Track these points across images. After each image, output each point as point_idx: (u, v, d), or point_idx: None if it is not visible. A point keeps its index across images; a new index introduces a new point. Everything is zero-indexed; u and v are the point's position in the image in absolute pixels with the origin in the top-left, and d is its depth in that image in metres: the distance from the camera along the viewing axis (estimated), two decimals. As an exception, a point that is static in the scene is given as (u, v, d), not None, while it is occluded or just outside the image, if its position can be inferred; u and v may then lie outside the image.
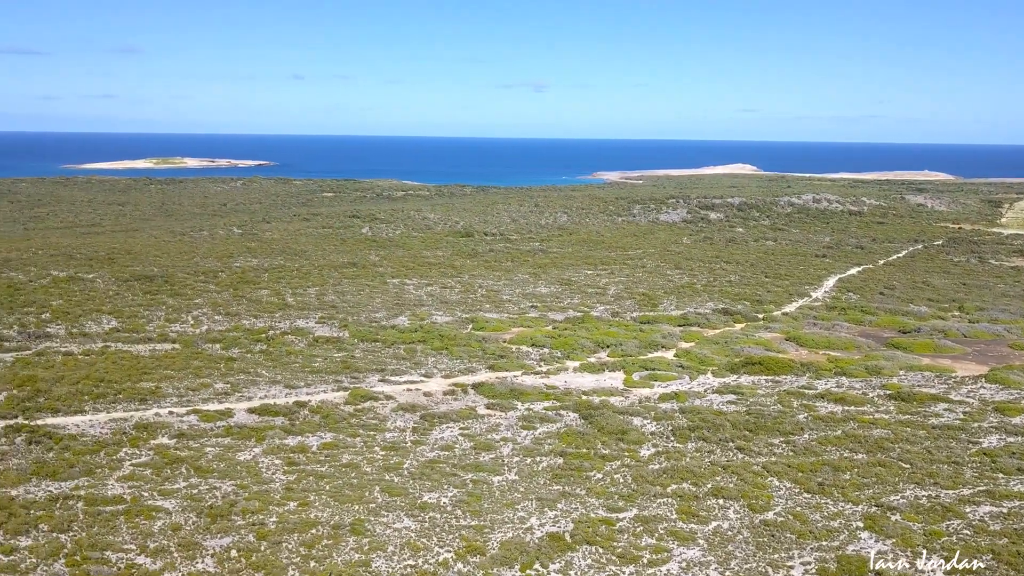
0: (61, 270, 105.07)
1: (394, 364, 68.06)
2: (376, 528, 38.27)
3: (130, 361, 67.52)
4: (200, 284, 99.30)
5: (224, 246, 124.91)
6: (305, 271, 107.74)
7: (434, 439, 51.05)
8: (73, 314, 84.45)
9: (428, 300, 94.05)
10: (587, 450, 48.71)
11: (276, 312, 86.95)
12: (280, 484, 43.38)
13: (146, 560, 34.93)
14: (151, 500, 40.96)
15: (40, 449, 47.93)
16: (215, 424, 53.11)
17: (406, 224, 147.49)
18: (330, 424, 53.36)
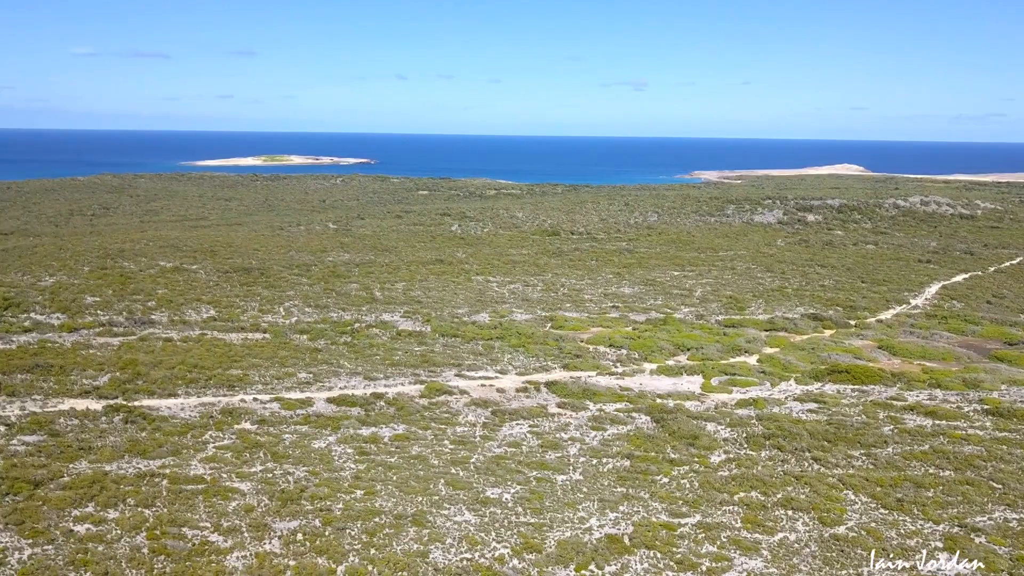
0: (168, 261, 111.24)
1: (471, 360, 68.92)
2: (437, 520, 38.95)
3: (223, 349, 70.91)
4: (294, 277, 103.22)
5: (319, 241, 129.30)
6: (394, 267, 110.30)
7: (503, 435, 51.45)
8: (176, 302, 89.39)
9: (510, 298, 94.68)
10: (655, 454, 48.04)
11: (363, 306, 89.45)
12: (350, 473, 44.71)
13: (219, 538, 36.72)
14: (229, 482, 42.99)
15: (134, 428, 51.06)
16: (295, 412, 55.18)
17: (494, 222, 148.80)
18: (404, 416, 54.57)
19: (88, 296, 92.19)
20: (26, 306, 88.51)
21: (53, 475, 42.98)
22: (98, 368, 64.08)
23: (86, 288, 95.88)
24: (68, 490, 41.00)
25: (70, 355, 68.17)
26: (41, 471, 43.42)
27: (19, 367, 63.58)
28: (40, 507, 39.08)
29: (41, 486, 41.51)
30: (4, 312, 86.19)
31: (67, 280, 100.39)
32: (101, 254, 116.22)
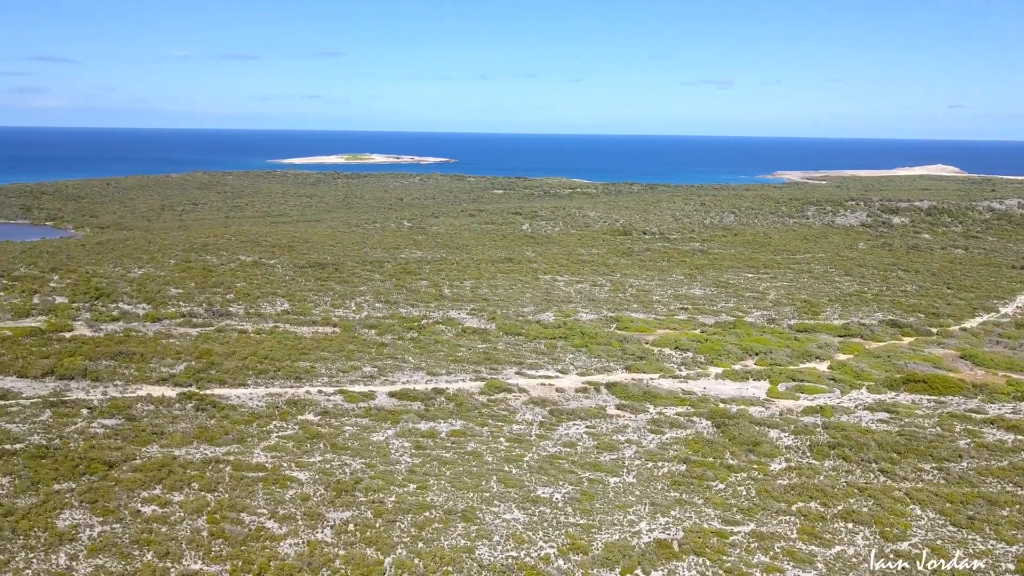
0: (248, 255, 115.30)
1: (533, 358, 68.97)
2: (486, 517, 39.16)
3: (293, 341, 73.03)
4: (366, 273, 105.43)
5: (393, 238, 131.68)
6: (464, 264, 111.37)
7: (559, 435, 51.33)
8: (253, 296, 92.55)
9: (576, 297, 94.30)
10: (713, 459, 47.07)
11: (432, 302, 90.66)
12: (405, 466, 45.40)
13: (274, 525, 37.87)
14: (288, 471, 44.27)
15: (204, 416, 53.13)
16: (357, 405, 56.37)
17: (565, 221, 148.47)
18: (462, 412, 55.07)
19: (172, 288, 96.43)
20: (116, 296, 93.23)
21: (126, 457, 45.16)
22: (176, 357, 66.95)
23: (171, 280, 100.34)
24: (139, 472, 43.00)
25: (151, 344, 71.44)
26: (116, 453, 45.69)
27: (104, 354, 67.02)
28: (112, 487, 41.12)
29: (115, 467, 43.66)
30: (96, 302, 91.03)
31: (154, 272, 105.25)
32: (186, 248, 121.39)
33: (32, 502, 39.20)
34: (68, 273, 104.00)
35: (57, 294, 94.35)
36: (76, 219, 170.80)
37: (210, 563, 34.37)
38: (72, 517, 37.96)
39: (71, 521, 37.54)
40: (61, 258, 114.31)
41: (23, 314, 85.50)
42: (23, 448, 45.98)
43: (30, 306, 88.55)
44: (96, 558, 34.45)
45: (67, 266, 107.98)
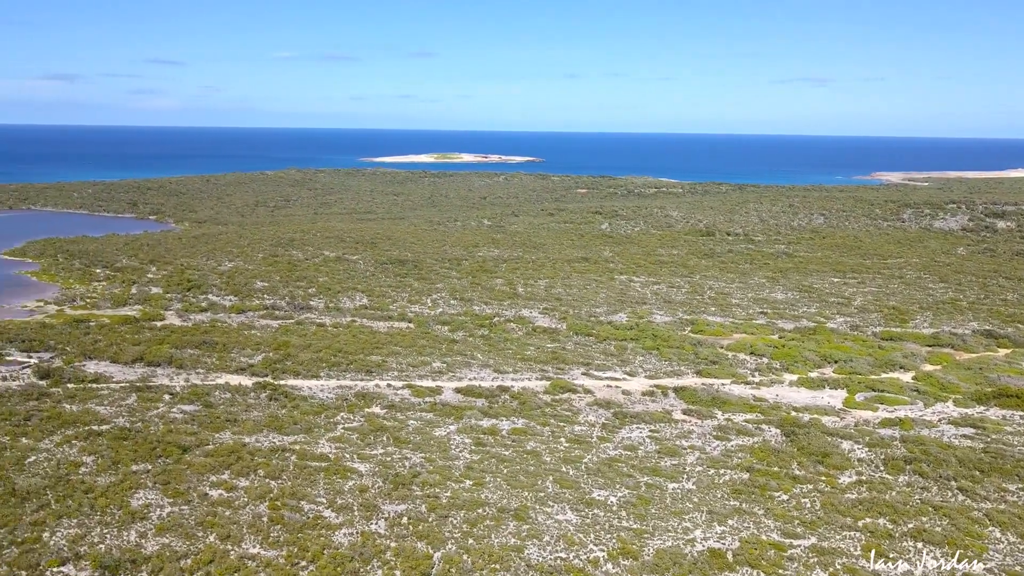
0: (332, 251, 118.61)
1: (601, 359, 68.39)
2: (538, 517, 39.09)
3: (368, 336, 74.70)
4: (444, 270, 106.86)
5: (472, 237, 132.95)
6: (540, 263, 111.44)
7: (621, 438, 50.74)
8: (333, 290, 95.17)
9: (652, 299, 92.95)
10: (779, 469, 45.58)
11: (505, 300, 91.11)
12: (463, 462, 45.78)
13: (331, 514, 38.85)
14: (350, 462, 45.33)
15: (276, 405, 54.97)
16: (423, 399, 57.20)
17: (646, 221, 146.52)
18: (525, 411, 55.12)
19: (258, 281, 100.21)
20: (206, 288, 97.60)
21: (200, 442, 47.20)
22: (255, 348, 69.50)
23: (258, 273, 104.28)
24: (210, 457, 44.86)
25: (234, 334, 74.42)
26: (191, 438, 47.82)
27: (190, 343, 70.22)
28: (184, 470, 43.05)
29: (188, 451, 45.70)
30: (187, 292, 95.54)
31: (243, 265, 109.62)
32: (274, 243, 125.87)
33: (111, 481, 41.46)
34: (164, 265, 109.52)
35: (153, 284, 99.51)
36: (177, 213, 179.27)
37: (268, 548, 35.54)
38: (145, 497, 39.95)
39: (144, 501, 39.51)
40: (159, 250, 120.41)
41: (121, 303, 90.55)
42: (108, 429, 48.68)
43: (128, 295, 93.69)
44: (163, 537, 36.14)
45: (164, 258, 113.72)
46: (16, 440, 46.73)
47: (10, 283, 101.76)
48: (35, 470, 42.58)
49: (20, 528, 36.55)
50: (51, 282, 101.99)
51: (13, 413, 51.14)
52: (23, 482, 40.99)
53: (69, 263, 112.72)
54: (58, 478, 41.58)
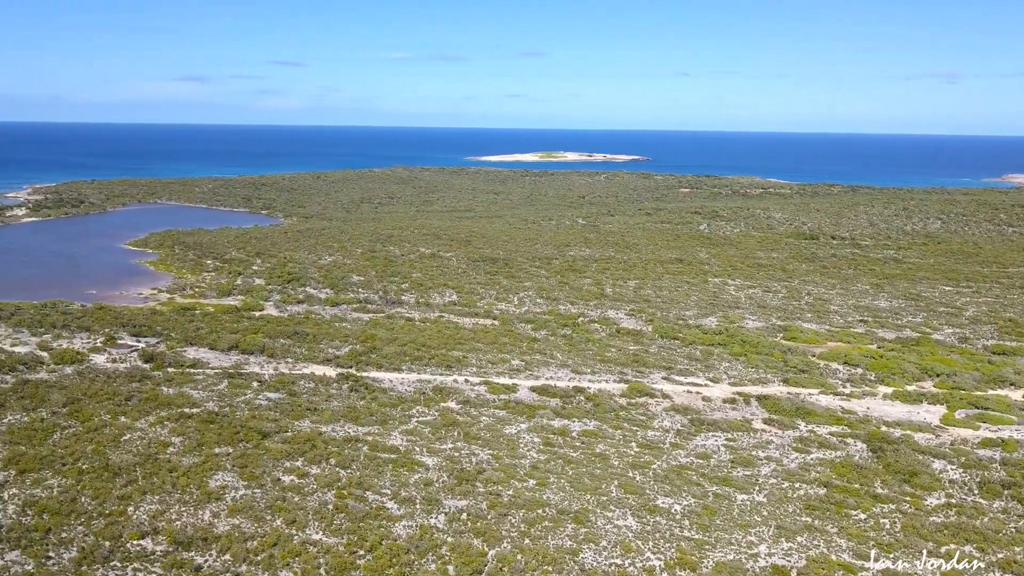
0: (427, 248, 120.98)
1: (684, 364, 66.84)
2: (598, 521, 38.62)
3: (452, 331, 75.74)
4: (534, 269, 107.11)
5: (565, 236, 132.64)
6: (631, 264, 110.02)
7: (694, 445, 49.44)
8: (425, 286, 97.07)
9: (745, 303, 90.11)
10: (860, 486, 43.30)
11: (592, 301, 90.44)
12: (529, 462, 45.76)
13: (394, 506, 39.65)
14: (419, 455, 46.11)
15: (356, 397, 56.55)
16: (498, 397, 57.53)
17: (747, 223, 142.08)
18: (598, 413, 54.55)
19: (355, 275, 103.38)
20: (304, 281, 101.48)
21: (280, 429, 49.13)
22: (343, 340, 71.71)
23: (355, 268, 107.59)
24: (287, 444, 46.64)
25: (325, 326, 77.04)
26: (271, 424, 49.84)
27: (283, 333, 73.16)
28: (262, 455, 44.93)
29: (267, 437, 47.65)
30: (287, 285, 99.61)
31: (341, 260, 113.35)
32: (373, 238, 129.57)
33: (194, 461, 43.75)
34: (269, 258, 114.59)
35: (257, 276, 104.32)
36: (286, 209, 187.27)
37: (330, 535, 36.64)
38: (223, 479, 41.94)
39: (221, 482, 41.49)
40: (266, 244, 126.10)
41: (226, 293, 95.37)
42: (198, 413, 51.39)
43: (233, 286, 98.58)
44: (235, 518, 37.86)
45: (269, 251, 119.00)
46: (115, 419, 49.98)
47: (130, 271, 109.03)
48: (128, 448, 45.43)
49: (109, 501, 39.12)
50: (166, 271, 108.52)
51: (116, 393, 54.74)
52: (116, 458, 43.83)
53: (184, 254, 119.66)
54: (147, 456, 44.21)
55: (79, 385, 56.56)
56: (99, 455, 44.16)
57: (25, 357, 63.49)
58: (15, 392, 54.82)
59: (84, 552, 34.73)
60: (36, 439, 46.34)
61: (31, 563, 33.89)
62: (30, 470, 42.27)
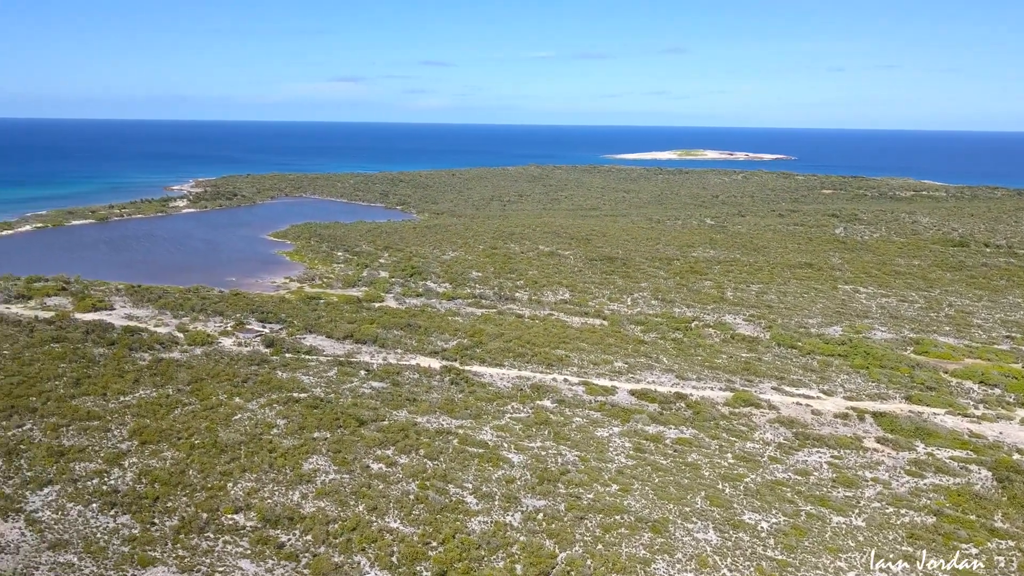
0: (547, 245, 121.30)
1: (797, 375, 63.56)
2: (677, 532, 37.44)
3: (559, 330, 75.58)
4: (652, 269, 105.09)
5: (689, 236, 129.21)
6: (756, 267, 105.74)
7: (795, 460, 46.94)
8: (539, 283, 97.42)
9: (876, 312, 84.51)
10: (976, 518, 39.67)
11: (710, 304, 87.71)
12: (616, 466, 44.97)
13: (472, 500, 40.08)
14: (505, 451, 46.37)
15: (455, 390, 57.56)
16: (595, 398, 56.89)
17: (888, 227, 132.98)
18: (697, 421, 52.84)
19: (474, 271, 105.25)
20: (426, 275, 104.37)
21: (377, 417, 50.78)
22: (453, 333, 73.16)
23: (475, 264, 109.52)
24: (381, 432, 48.15)
25: (438, 320, 78.86)
26: (370, 412, 51.59)
27: (397, 324, 75.56)
28: (356, 442, 46.60)
29: (364, 425, 49.37)
30: (409, 278, 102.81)
31: (463, 256, 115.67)
32: (495, 235, 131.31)
33: (293, 444, 46.00)
34: (396, 252, 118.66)
35: (382, 269, 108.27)
36: (420, 205, 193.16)
37: (407, 524, 37.52)
38: (316, 462, 43.85)
39: (314, 466, 43.40)
40: (395, 238, 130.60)
41: (351, 284, 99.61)
42: (305, 398, 53.97)
43: (358, 278, 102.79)
44: (321, 500, 39.50)
45: (397, 246, 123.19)
46: (231, 399, 53.34)
47: (268, 261, 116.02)
48: (237, 427, 48.37)
49: (212, 476, 41.82)
50: (300, 261, 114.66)
51: (235, 375, 58.41)
52: (225, 436, 46.77)
53: (318, 246, 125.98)
54: (253, 436, 46.90)
55: (205, 365, 60.78)
56: (211, 432, 47.29)
57: (163, 337, 68.93)
58: (150, 369, 59.62)
59: (184, 522, 37.33)
60: (160, 413, 50.21)
61: (138, 527, 36.79)
62: (150, 441, 45.87)
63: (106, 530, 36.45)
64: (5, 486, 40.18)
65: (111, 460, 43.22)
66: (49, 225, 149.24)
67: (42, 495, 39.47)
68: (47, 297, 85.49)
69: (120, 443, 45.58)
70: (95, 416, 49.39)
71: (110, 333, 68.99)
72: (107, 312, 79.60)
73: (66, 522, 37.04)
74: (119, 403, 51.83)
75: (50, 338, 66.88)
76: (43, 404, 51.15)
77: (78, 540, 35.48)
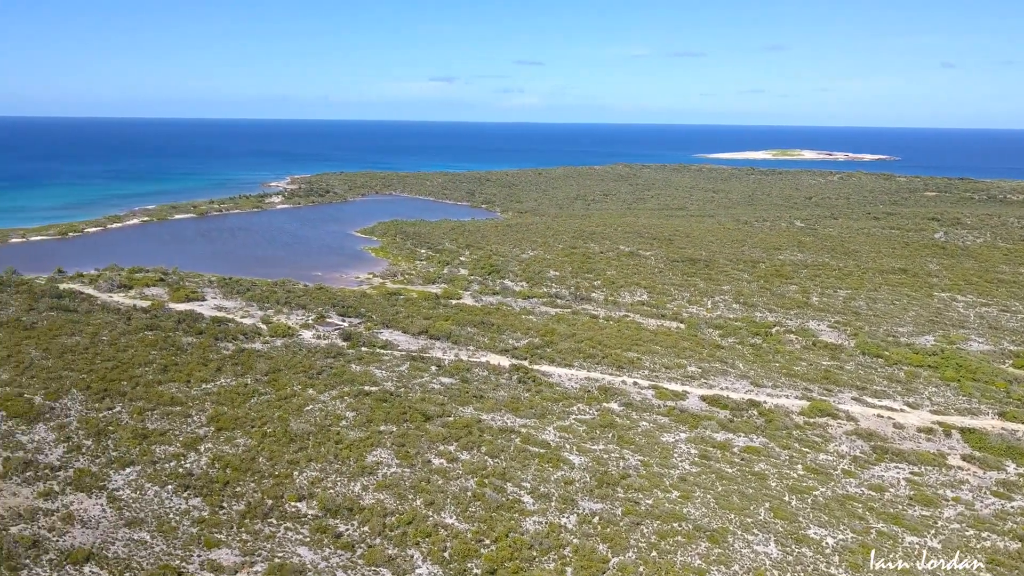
0: (627, 246, 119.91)
1: (880, 385, 60.74)
2: (736, 543, 36.41)
3: (632, 332, 74.63)
4: (735, 272, 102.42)
5: (777, 238, 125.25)
6: (846, 272, 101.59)
7: (870, 475, 44.90)
8: (617, 284, 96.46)
9: (973, 322, 79.84)
10: (1067, 546, 36.98)
11: (793, 309, 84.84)
12: (679, 473, 44.08)
13: (529, 500, 40.05)
14: (567, 452, 46.13)
15: (522, 388, 57.65)
16: (664, 403, 55.89)
17: (994, 232, 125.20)
18: (769, 430, 51.23)
19: (551, 270, 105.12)
20: (504, 273, 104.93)
21: (443, 413, 51.37)
22: (525, 332, 73.29)
23: (553, 263, 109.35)
24: (445, 428, 48.69)
25: (512, 318, 79.14)
26: (437, 408, 52.23)
27: (470, 321, 76.26)
28: (420, 437, 47.30)
29: (430, 420, 50.05)
30: (487, 276, 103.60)
31: (542, 255, 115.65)
32: (575, 235, 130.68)
33: (359, 436, 47.07)
34: (476, 250, 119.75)
35: (463, 267, 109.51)
36: (504, 204, 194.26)
37: (462, 521, 37.83)
38: (380, 455, 44.73)
39: (377, 458, 44.28)
40: (476, 237, 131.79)
41: (431, 281, 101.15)
42: (376, 391, 55.12)
43: (438, 275, 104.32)
44: (381, 493, 40.28)
45: (478, 244, 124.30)
46: (304, 390, 55.02)
47: (354, 256, 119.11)
48: (308, 418, 49.85)
49: (280, 464, 43.26)
50: (384, 258, 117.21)
51: (311, 367, 60.20)
52: (296, 426, 48.28)
53: (403, 243, 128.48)
54: (321, 427, 48.24)
55: (283, 357, 62.89)
56: (282, 421, 48.90)
57: (247, 328, 71.71)
58: (232, 359, 62.13)
59: (250, 507, 38.76)
60: (237, 402, 52.27)
61: (207, 510, 38.42)
62: (226, 428, 47.81)
63: (178, 511, 38.21)
64: (92, 464, 42.63)
65: (189, 444, 45.27)
66: (154, 219, 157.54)
67: (124, 474, 41.69)
68: (146, 287, 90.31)
69: (198, 428, 47.70)
70: (178, 402, 51.85)
71: (199, 323, 72.25)
72: (199, 303, 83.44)
73: (143, 501, 39.03)
74: (201, 390, 54.24)
75: (144, 326, 70.61)
76: (132, 388, 54.06)
77: (152, 519, 37.33)
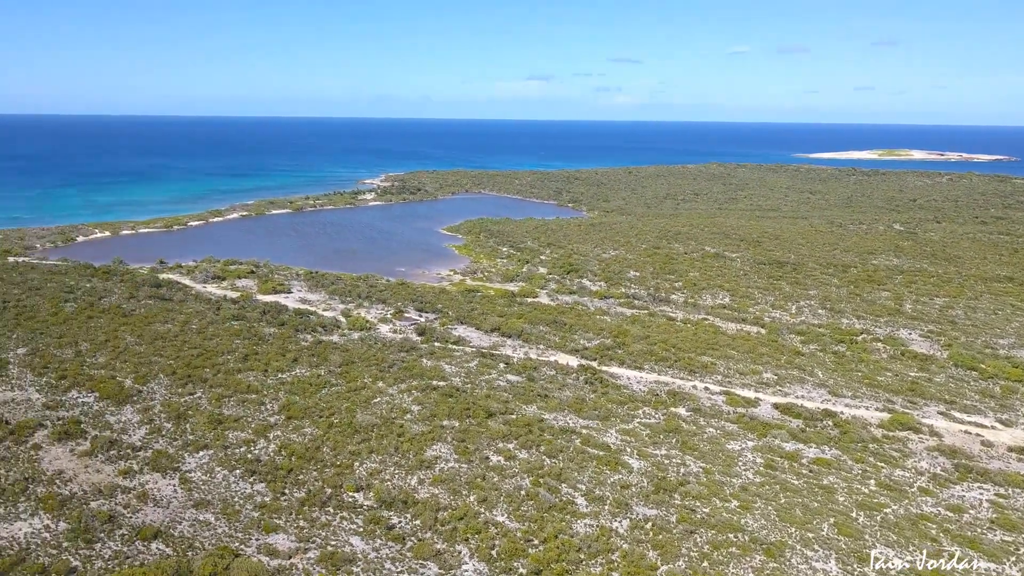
0: (712, 247, 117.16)
1: (972, 400, 57.24)
2: (793, 559, 35.04)
3: (709, 335, 72.89)
4: (824, 276, 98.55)
5: (872, 242, 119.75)
6: (945, 279, 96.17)
7: (950, 494, 42.38)
8: (699, 286, 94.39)
9: (1085, 336, 74.18)
10: None
11: (883, 317, 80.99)
12: (741, 482, 42.78)
13: (582, 502, 39.69)
14: (627, 456, 45.46)
15: (588, 389, 57.17)
16: (735, 409, 54.36)
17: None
18: (843, 442, 49.05)
19: (632, 271, 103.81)
20: (582, 272, 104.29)
21: (506, 411, 51.54)
22: (597, 332, 72.67)
23: (634, 263, 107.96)
24: (506, 426, 48.83)
25: (585, 318, 78.62)
26: (500, 405, 52.44)
27: (543, 320, 76.18)
28: (480, 433, 47.60)
29: (492, 417, 50.28)
30: (566, 275, 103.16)
31: (623, 255, 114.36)
32: (660, 235, 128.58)
33: (421, 430, 47.77)
34: (557, 249, 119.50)
35: (542, 265, 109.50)
36: (591, 203, 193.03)
37: (513, 519, 37.85)
38: (439, 450, 45.27)
39: (436, 453, 44.83)
40: (559, 236, 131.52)
41: (509, 279, 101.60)
42: (443, 386, 55.84)
43: (517, 273, 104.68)
44: (436, 487, 40.75)
45: (560, 243, 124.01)
46: (374, 383, 56.27)
47: (438, 253, 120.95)
48: (374, 410, 50.96)
49: (343, 454, 44.38)
50: (467, 255, 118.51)
51: (384, 360, 61.53)
52: (361, 418, 49.44)
53: (486, 241, 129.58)
54: (386, 420, 49.21)
55: (358, 349, 64.50)
56: (349, 413, 50.16)
57: (327, 321, 73.89)
58: (309, 350, 64.16)
59: (309, 495, 39.92)
60: (309, 392, 53.95)
61: (269, 496, 39.81)
62: (295, 417, 49.42)
63: (243, 495, 39.74)
64: (170, 447, 44.85)
65: (259, 431, 47.02)
66: (252, 214, 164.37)
67: (197, 457, 43.68)
68: (238, 279, 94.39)
69: (270, 416, 49.48)
70: (254, 390, 53.94)
71: (282, 314, 74.93)
72: (285, 295, 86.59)
73: (212, 484, 40.79)
74: (276, 380, 56.25)
75: (232, 316, 73.78)
76: (213, 376, 56.60)
77: (218, 502, 38.96)
